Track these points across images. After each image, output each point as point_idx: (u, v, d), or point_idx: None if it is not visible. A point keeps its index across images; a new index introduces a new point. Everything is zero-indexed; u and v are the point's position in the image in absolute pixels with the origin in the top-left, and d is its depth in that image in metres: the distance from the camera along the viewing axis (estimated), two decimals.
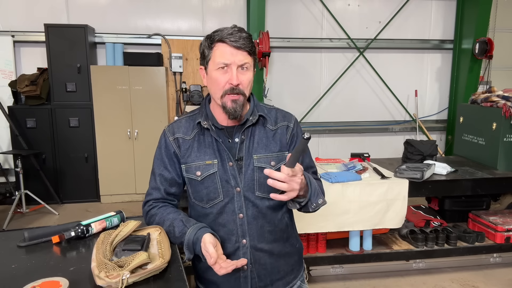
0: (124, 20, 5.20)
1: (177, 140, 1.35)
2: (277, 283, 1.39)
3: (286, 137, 1.36)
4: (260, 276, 1.35)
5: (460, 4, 5.82)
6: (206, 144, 1.33)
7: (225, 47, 1.23)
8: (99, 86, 4.76)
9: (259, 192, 1.32)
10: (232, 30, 1.24)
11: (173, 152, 1.35)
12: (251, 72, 1.28)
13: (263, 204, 1.32)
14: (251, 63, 1.27)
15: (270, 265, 1.36)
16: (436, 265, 3.26)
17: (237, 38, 1.22)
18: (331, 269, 3.12)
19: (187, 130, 1.36)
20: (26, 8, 4.94)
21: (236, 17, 5.41)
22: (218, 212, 1.32)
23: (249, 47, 1.24)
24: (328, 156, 4.22)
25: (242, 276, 1.34)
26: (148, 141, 4.94)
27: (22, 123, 4.76)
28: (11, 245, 1.35)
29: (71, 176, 4.98)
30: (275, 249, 1.37)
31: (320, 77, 5.79)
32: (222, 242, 1.32)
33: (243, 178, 1.30)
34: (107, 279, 1.04)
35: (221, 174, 1.30)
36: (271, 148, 1.34)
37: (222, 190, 1.31)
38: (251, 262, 1.33)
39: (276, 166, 1.33)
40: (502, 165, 3.29)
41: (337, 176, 2.75)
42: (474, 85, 5.77)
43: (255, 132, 1.34)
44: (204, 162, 1.31)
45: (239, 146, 1.31)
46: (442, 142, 6.24)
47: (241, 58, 1.23)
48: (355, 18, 5.72)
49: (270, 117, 1.37)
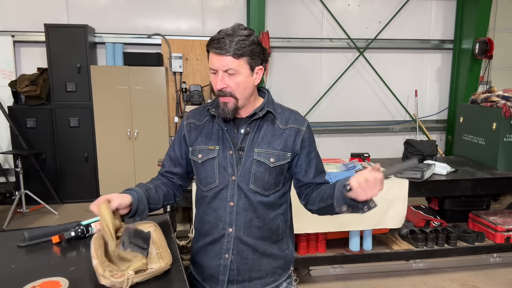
0: (124, 20, 5.20)
1: (189, 125, 1.44)
2: (255, 281, 1.40)
3: (293, 139, 1.37)
4: (240, 270, 1.37)
5: (460, 4, 5.82)
6: (213, 131, 1.39)
7: (211, 54, 1.27)
8: (99, 86, 4.76)
9: (253, 185, 1.34)
10: (219, 35, 1.25)
11: (183, 135, 1.44)
12: (242, 74, 1.27)
13: (255, 198, 1.34)
14: (239, 66, 1.26)
15: (252, 261, 1.37)
16: (436, 265, 3.26)
17: (220, 45, 1.23)
18: (331, 269, 3.12)
19: (200, 116, 1.44)
20: (26, 8, 4.94)
21: (236, 17, 5.41)
22: (212, 196, 1.37)
23: (232, 51, 1.23)
24: (328, 156, 4.22)
25: (222, 264, 1.36)
26: (148, 141, 4.95)
27: (22, 123, 4.75)
28: (11, 245, 1.35)
29: (71, 176, 4.98)
30: (260, 246, 1.37)
31: (320, 77, 5.79)
32: (210, 228, 1.38)
33: (240, 168, 1.34)
34: (112, 278, 1.04)
35: (220, 160, 1.35)
36: (274, 146, 1.35)
37: (218, 176, 1.35)
38: (233, 253, 1.35)
39: (275, 163, 1.34)
40: (502, 165, 3.29)
41: (337, 176, 2.74)
42: (474, 85, 5.77)
43: (262, 127, 1.36)
44: (207, 147, 1.38)
45: (243, 137, 1.35)
46: (442, 142, 6.24)
47: (224, 63, 1.25)
48: (355, 18, 5.71)
49: (282, 116, 1.39)
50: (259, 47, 1.29)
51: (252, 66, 1.29)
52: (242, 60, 1.26)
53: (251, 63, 1.28)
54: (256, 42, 1.28)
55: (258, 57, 1.29)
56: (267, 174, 1.34)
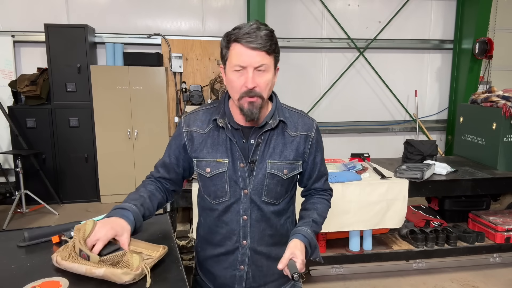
0: (124, 20, 5.20)
1: (191, 133, 1.32)
2: (270, 284, 1.39)
3: (303, 146, 1.32)
4: (255, 277, 1.36)
5: (460, 4, 5.82)
6: (220, 142, 1.29)
7: (240, 48, 1.16)
8: (99, 86, 4.76)
9: (266, 197, 1.31)
10: (250, 28, 1.15)
11: (183, 143, 1.34)
12: (270, 72, 1.21)
13: (268, 209, 1.32)
14: (270, 63, 1.20)
15: (267, 267, 1.37)
16: (436, 265, 3.26)
17: (253, 38, 1.14)
18: (331, 269, 3.12)
19: (202, 123, 1.32)
20: (26, 8, 4.94)
21: (236, 17, 5.41)
22: (223, 210, 1.31)
23: (267, 46, 1.16)
24: (328, 156, 4.21)
25: (238, 274, 1.35)
26: (148, 141, 4.94)
27: (22, 123, 4.75)
28: (11, 245, 1.35)
29: (71, 176, 4.98)
30: (273, 252, 1.36)
31: (320, 77, 5.79)
32: (222, 239, 1.34)
33: (252, 181, 1.28)
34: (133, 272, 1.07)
35: (231, 174, 1.28)
36: (286, 156, 1.30)
37: (229, 190, 1.29)
38: (249, 263, 1.34)
39: (289, 174, 1.31)
40: (502, 165, 3.29)
41: (337, 176, 2.75)
42: (474, 85, 5.77)
43: (272, 137, 1.29)
44: (215, 160, 1.29)
45: (254, 148, 1.28)
46: (442, 142, 6.24)
47: (258, 59, 1.16)
48: (355, 18, 5.71)
49: (292, 121, 1.32)
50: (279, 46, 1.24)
51: (275, 65, 1.24)
52: (273, 56, 1.20)
53: (276, 61, 1.23)
54: (277, 40, 1.22)
55: (279, 56, 1.24)
56: (279, 186, 1.31)
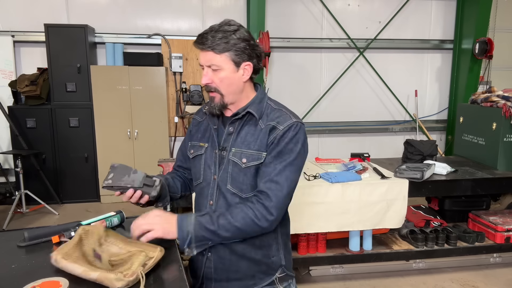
0: (124, 20, 5.20)
1: (195, 120, 1.50)
2: (233, 282, 1.38)
3: (267, 137, 1.29)
4: (217, 269, 1.37)
5: (460, 4, 5.82)
6: (207, 128, 1.42)
7: (197, 49, 1.29)
8: (99, 86, 4.76)
9: (230, 186, 1.32)
10: (206, 30, 1.26)
11: (190, 130, 1.51)
12: (226, 70, 1.26)
13: (232, 199, 1.32)
14: (223, 62, 1.25)
15: (229, 261, 1.35)
16: (436, 265, 3.26)
17: (202, 40, 1.25)
18: (331, 269, 3.12)
19: (202, 113, 1.47)
20: (26, 8, 4.94)
21: (236, 17, 5.37)
22: (199, 192, 1.43)
23: (214, 46, 1.23)
24: (328, 156, 4.22)
25: (201, 260, 1.38)
26: (148, 141, 4.94)
27: (22, 123, 4.75)
28: (11, 245, 1.35)
29: (71, 176, 4.98)
30: (239, 248, 1.34)
31: (320, 77, 5.79)
32: None
33: (222, 168, 1.34)
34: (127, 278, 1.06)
35: (206, 158, 1.38)
36: (250, 146, 1.31)
37: (203, 173, 1.39)
38: (210, 251, 1.35)
39: (247, 163, 1.30)
40: (502, 165, 3.29)
41: (337, 176, 2.75)
42: (474, 85, 5.77)
43: (244, 127, 1.34)
44: (199, 143, 1.43)
45: (226, 136, 1.36)
46: (442, 142, 6.23)
47: (207, 58, 1.26)
48: (355, 18, 5.71)
49: (268, 116, 1.32)
50: (246, 43, 1.26)
51: (237, 62, 1.27)
52: (224, 55, 1.25)
53: (235, 58, 1.26)
54: (243, 37, 1.25)
55: (244, 53, 1.26)
56: (242, 175, 1.30)
